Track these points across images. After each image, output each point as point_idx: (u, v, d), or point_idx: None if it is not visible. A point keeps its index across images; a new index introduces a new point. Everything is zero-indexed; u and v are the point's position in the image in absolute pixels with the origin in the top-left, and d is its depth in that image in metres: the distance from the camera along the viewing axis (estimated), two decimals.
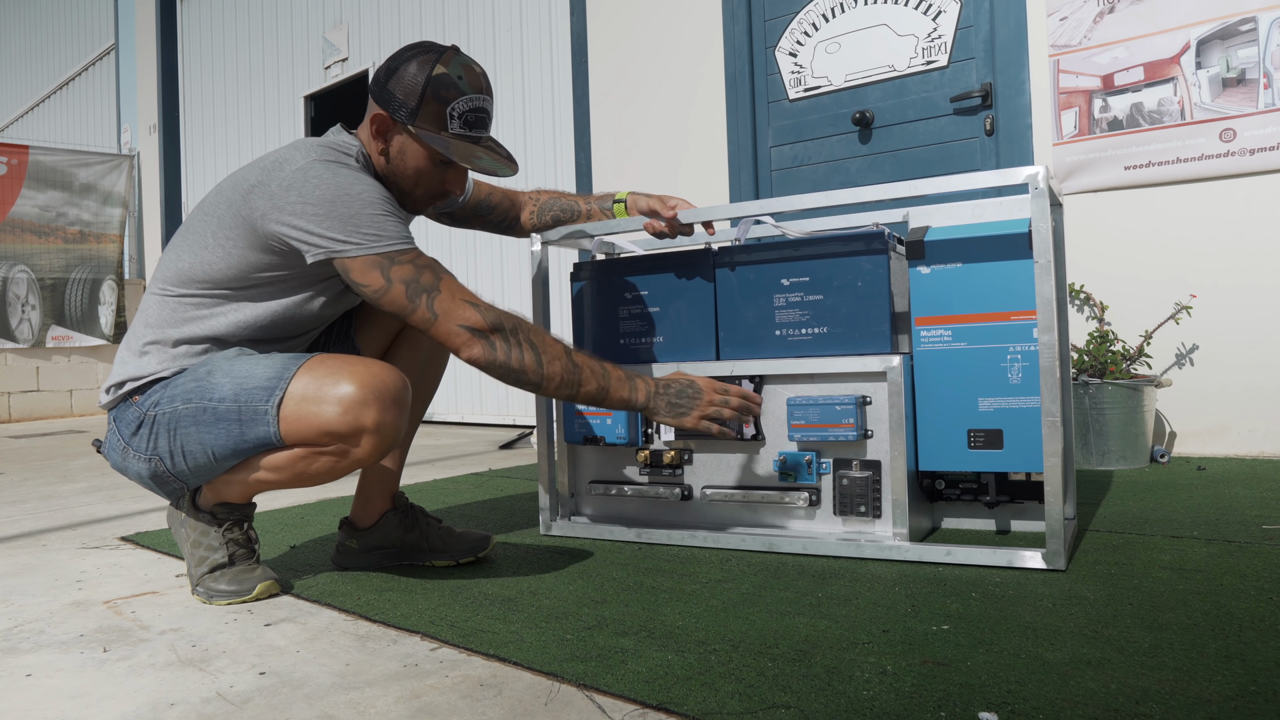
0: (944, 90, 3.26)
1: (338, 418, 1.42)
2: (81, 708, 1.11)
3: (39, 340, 6.64)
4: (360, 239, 1.44)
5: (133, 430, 1.54)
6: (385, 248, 1.45)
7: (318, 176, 1.46)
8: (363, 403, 1.41)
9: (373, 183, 1.50)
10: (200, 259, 1.55)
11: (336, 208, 1.44)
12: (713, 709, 1.02)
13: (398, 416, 1.45)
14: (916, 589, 1.46)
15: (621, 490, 1.97)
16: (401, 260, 1.45)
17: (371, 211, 1.46)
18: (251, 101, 6.63)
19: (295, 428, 1.44)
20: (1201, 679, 1.05)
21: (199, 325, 1.56)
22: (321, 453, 1.46)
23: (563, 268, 4.36)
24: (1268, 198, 2.66)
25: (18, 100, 10.20)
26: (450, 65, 1.52)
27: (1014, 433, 1.63)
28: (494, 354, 1.45)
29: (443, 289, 1.46)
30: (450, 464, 3.31)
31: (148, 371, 1.55)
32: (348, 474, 1.52)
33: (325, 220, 1.44)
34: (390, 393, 1.44)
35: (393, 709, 1.07)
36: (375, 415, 1.42)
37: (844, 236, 1.77)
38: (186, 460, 1.50)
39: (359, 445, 1.44)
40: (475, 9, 4.91)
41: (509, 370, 1.47)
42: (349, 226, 1.44)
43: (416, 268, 1.46)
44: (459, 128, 1.54)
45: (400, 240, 1.47)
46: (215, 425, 1.47)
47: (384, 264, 1.45)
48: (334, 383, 1.43)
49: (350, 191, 1.46)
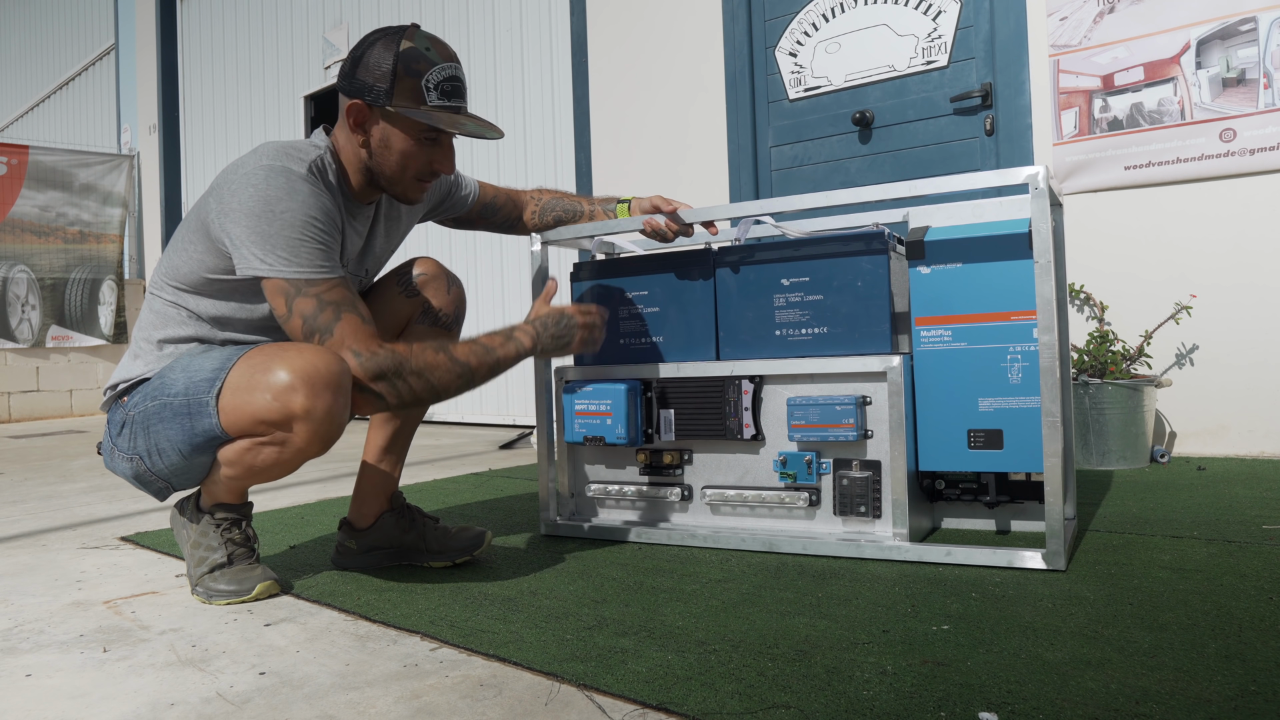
0: (944, 90, 3.26)
1: (268, 405, 1.39)
2: (81, 708, 1.11)
3: (39, 340, 6.64)
4: (273, 260, 1.42)
5: (118, 431, 1.56)
6: (294, 274, 1.42)
7: (253, 185, 1.44)
8: (291, 388, 1.38)
9: (306, 198, 1.45)
10: (173, 263, 1.57)
11: (260, 223, 1.42)
12: (713, 709, 1.02)
13: (332, 401, 1.39)
14: (916, 589, 1.46)
15: (621, 490, 1.97)
16: (308, 292, 1.43)
17: (289, 234, 1.42)
18: (251, 101, 6.63)
19: (233, 418, 1.44)
20: (1201, 679, 1.05)
21: (181, 326, 1.57)
22: (263, 444, 1.45)
23: (563, 268, 4.36)
24: (1268, 198, 2.66)
25: (18, 100, 10.20)
26: (415, 39, 1.50)
27: (1014, 433, 1.63)
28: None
29: (335, 332, 1.42)
30: (450, 464, 3.31)
31: (136, 373, 1.57)
32: (297, 466, 1.48)
33: (249, 234, 1.43)
34: (321, 377, 1.38)
35: (393, 709, 1.07)
36: (304, 400, 1.38)
37: (844, 236, 1.77)
38: (162, 458, 1.51)
39: (293, 432, 1.41)
40: (475, 9, 4.91)
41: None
42: (266, 244, 1.42)
43: (320, 304, 1.43)
44: (438, 99, 1.51)
45: (313, 269, 1.43)
46: (173, 420, 1.47)
47: (290, 291, 1.43)
48: (265, 370, 1.40)
49: (275, 208, 1.43)
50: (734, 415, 1.82)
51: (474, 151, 4.88)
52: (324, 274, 1.45)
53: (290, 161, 1.48)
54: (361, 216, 1.65)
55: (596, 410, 1.93)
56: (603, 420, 1.93)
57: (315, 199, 1.47)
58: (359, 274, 1.69)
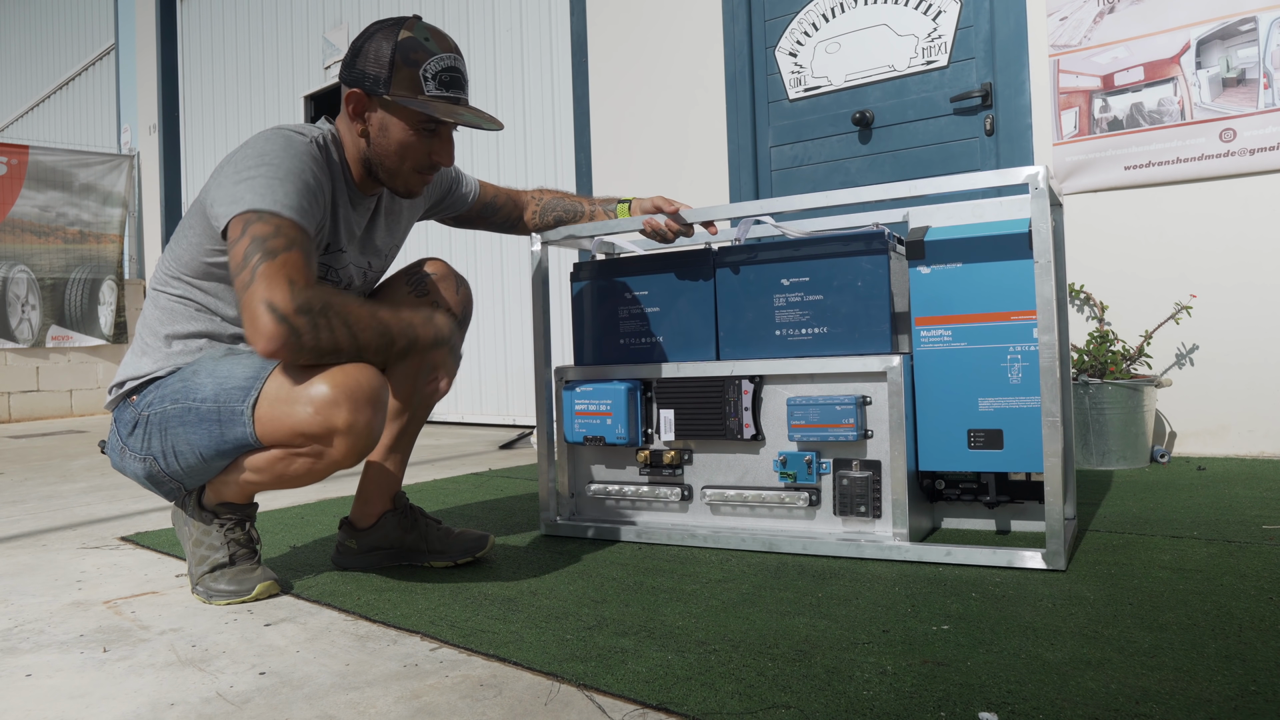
0: (944, 90, 3.26)
1: (309, 418, 1.39)
2: (81, 708, 1.11)
3: (39, 340, 6.64)
4: (248, 197, 1.39)
5: (129, 430, 1.54)
6: (261, 205, 1.38)
7: (250, 147, 1.45)
8: (334, 403, 1.38)
9: (301, 154, 1.44)
10: (174, 254, 1.57)
11: (247, 172, 1.41)
12: (713, 709, 1.02)
13: (372, 417, 1.41)
14: (916, 589, 1.46)
15: (621, 490, 1.97)
16: (269, 220, 1.37)
17: (271, 175, 1.40)
18: (251, 101, 6.63)
19: (269, 429, 1.43)
20: (1201, 679, 1.05)
21: (188, 322, 1.56)
22: (298, 454, 1.44)
23: (563, 268, 4.36)
24: (1268, 198, 2.66)
25: (18, 100, 10.20)
26: (415, 30, 1.51)
27: (1014, 433, 1.63)
28: (294, 340, 1.34)
29: (279, 260, 1.35)
30: (450, 464, 3.31)
31: (145, 371, 1.56)
32: (328, 475, 1.50)
33: (235, 186, 1.41)
34: (364, 392, 1.39)
35: (393, 709, 1.07)
36: (347, 415, 1.38)
37: (844, 236, 1.77)
38: (178, 460, 1.50)
39: (332, 446, 1.41)
40: (475, 9, 4.91)
41: (315, 351, 1.37)
42: (246, 188, 1.40)
43: (277, 231, 1.37)
44: (435, 88, 1.51)
45: (283, 206, 1.39)
46: (199, 426, 1.47)
47: (250, 219, 1.38)
48: (307, 383, 1.40)
49: (265, 155, 1.42)
50: (734, 415, 1.82)
51: (474, 152, 4.88)
52: (294, 215, 1.40)
53: (290, 131, 1.50)
54: (362, 207, 1.66)
55: (596, 410, 1.93)
56: (603, 420, 1.93)
57: (309, 160, 1.46)
58: (361, 265, 1.69)
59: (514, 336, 4.72)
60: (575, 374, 2.01)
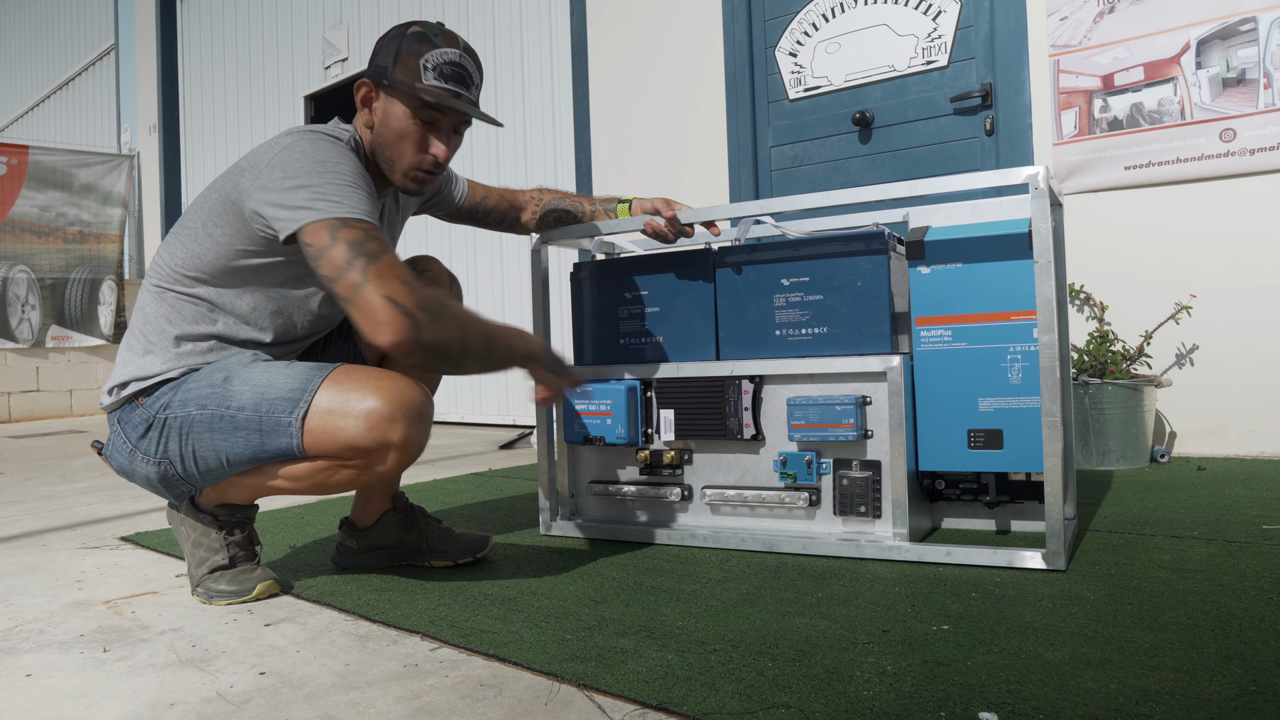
0: (944, 90, 3.26)
1: (364, 433, 1.39)
2: (81, 708, 1.11)
3: (39, 340, 6.64)
4: (323, 205, 1.40)
5: (140, 433, 1.51)
6: (343, 213, 1.40)
7: (300, 151, 1.45)
8: (390, 419, 1.39)
9: (352, 159, 1.48)
10: (191, 252, 1.53)
11: (310, 178, 1.42)
12: (713, 709, 1.02)
13: (422, 432, 1.43)
14: (916, 589, 1.46)
15: (621, 490, 1.97)
16: (356, 226, 1.40)
17: (340, 181, 1.43)
18: (251, 101, 6.63)
19: (319, 440, 1.42)
20: (1201, 679, 1.05)
21: (199, 323, 1.54)
22: (344, 466, 1.44)
23: (563, 268, 4.36)
24: (1268, 198, 2.66)
25: (18, 100, 10.20)
26: (427, 27, 1.54)
27: (1014, 433, 1.63)
28: (415, 332, 1.34)
29: (383, 259, 1.38)
30: (450, 464, 3.31)
31: (153, 371, 1.52)
32: (368, 485, 1.52)
33: (297, 191, 1.42)
34: (416, 408, 1.42)
35: (393, 709, 1.07)
36: (402, 431, 1.40)
37: (844, 236, 1.77)
38: (198, 464, 1.49)
39: (384, 461, 1.43)
40: (475, 9, 4.91)
41: (431, 348, 1.37)
42: (315, 194, 1.41)
43: (367, 235, 1.40)
44: (434, 79, 1.52)
45: (362, 212, 1.42)
46: (233, 433, 1.45)
47: (335, 225, 1.39)
48: (360, 397, 1.40)
49: (326, 162, 1.44)
50: (734, 415, 1.82)
51: (474, 152, 4.88)
52: (370, 219, 1.43)
53: (332, 132, 1.53)
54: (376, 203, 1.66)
55: (596, 410, 1.93)
56: (603, 420, 1.93)
57: (359, 164, 1.51)
58: None
59: None
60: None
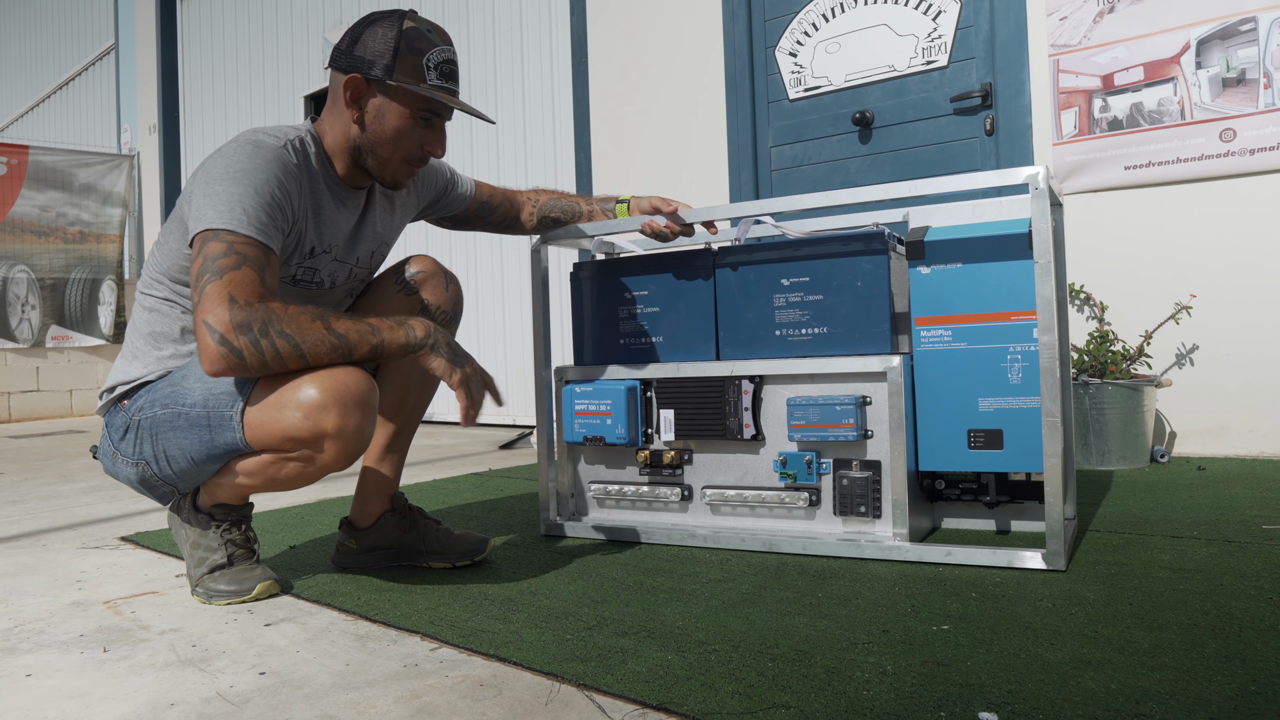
0: (944, 90, 3.26)
1: (298, 423, 1.38)
2: (81, 708, 1.11)
3: (39, 340, 6.64)
4: (210, 214, 1.39)
5: (120, 435, 1.54)
6: (221, 224, 1.38)
7: (221, 157, 1.45)
8: (323, 407, 1.37)
9: (266, 164, 1.44)
10: (164, 256, 1.56)
11: (212, 185, 1.41)
12: (713, 709, 1.02)
13: (361, 420, 1.40)
14: (916, 589, 1.46)
15: (621, 490, 1.97)
16: (225, 239, 1.37)
17: (236, 191, 1.40)
18: (251, 101, 6.63)
19: (259, 434, 1.42)
20: (1201, 679, 1.05)
21: (174, 325, 1.57)
22: (288, 458, 1.44)
23: (563, 268, 4.36)
24: (1268, 197, 2.66)
25: (18, 100, 10.20)
26: (417, 21, 1.53)
27: (1014, 433, 1.63)
28: (235, 359, 1.34)
29: (225, 277, 1.35)
30: (450, 464, 3.31)
31: (135, 375, 1.56)
32: (320, 479, 1.50)
33: (202, 198, 1.41)
34: (353, 396, 1.39)
35: (393, 709, 1.07)
36: (336, 420, 1.38)
37: (844, 237, 1.77)
38: (170, 464, 1.50)
39: (323, 450, 1.41)
40: (475, 9, 4.91)
41: (263, 369, 1.37)
42: (209, 202, 1.40)
43: (230, 249, 1.37)
44: (436, 79, 1.53)
45: (242, 225, 1.38)
46: (189, 431, 1.47)
47: (207, 236, 1.38)
48: (295, 387, 1.39)
49: (232, 170, 1.42)
50: (734, 415, 1.82)
51: (474, 152, 4.88)
52: (250, 231, 1.39)
53: (263, 136, 1.49)
54: (351, 203, 1.64)
55: (596, 410, 1.93)
56: (603, 420, 1.93)
57: (276, 168, 1.46)
58: (349, 262, 1.67)
59: (514, 336, 4.72)
60: (575, 374, 2.01)
